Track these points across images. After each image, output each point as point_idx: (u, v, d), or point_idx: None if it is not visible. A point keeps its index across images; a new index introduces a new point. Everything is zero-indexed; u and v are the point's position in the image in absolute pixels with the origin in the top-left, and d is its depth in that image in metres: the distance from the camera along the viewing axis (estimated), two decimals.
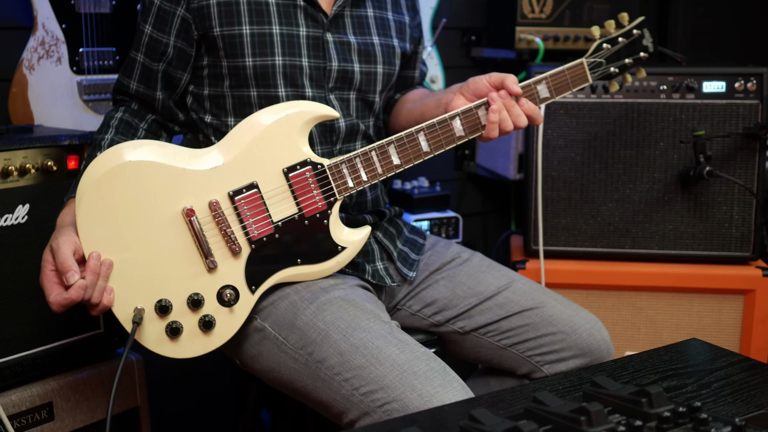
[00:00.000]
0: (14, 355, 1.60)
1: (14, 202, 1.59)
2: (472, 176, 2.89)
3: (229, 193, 1.43)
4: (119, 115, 1.61)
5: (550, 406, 0.89)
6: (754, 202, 2.17)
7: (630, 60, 1.66)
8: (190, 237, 1.42)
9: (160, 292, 1.41)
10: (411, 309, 1.71)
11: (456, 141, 1.55)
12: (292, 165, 1.46)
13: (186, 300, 1.42)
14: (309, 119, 1.47)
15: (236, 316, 1.46)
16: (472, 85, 1.58)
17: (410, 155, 1.52)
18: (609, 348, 1.64)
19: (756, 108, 2.15)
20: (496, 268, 1.73)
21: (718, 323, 2.20)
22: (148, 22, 1.58)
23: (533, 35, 2.53)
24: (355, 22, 1.63)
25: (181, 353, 1.44)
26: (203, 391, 2.45)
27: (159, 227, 1.40)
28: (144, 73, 1.60)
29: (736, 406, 1.02)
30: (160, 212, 1.40)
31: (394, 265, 1.69)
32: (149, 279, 1.40)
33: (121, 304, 1.39)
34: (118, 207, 1.38)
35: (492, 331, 1.65)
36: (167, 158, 1.41)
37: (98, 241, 1.37)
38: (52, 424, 1.65)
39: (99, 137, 1.58)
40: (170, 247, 1.41)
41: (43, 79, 1.90)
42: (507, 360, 1.66)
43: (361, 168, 1.49)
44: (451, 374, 1.34)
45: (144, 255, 1.40)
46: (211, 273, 1.43)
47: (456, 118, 1.54)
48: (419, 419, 0.98)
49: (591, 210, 2.22)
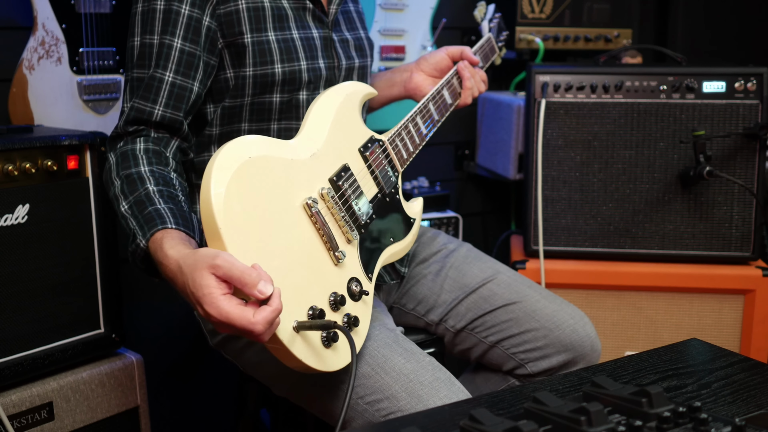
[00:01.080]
0: (14, 355, 1.60)
1: (14, 202, 1.59)
2: (472, 176, 2.89)
3: (331, 178, 1.35)
4: (142, 146, 1.40)
5: (550, 406, 0.89)
6: (754, 202, 2.17)
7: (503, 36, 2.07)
8: (314, 231, 1.29)
9: (308, 299, 1.23)
10: (405, 307, 1.72)
11: (448, 108, 1.72)
12: (364, 143, 1.46)
13: (329, 301, 1.27)
14: (363, 96, 1.51)
15: (367, 307, 1.35)
16: (431, 59, 1.76)
17: (442, 108, 1.69)
18: (593, 343, 1.62)
19: (756, 108, 2.15)
20: (483, 260, 1.72)
21: (718, 323, 2.20)
22: (177, 35, 1.41)
23: (533, 35, 2.53)
24: (344, 18, 1.66)
25: (342, 362, 1.26)
26: (203, 391, 2.45)
27: (288, 227, 1.25)
28: (174, 93, 1.42)
29: (736, 406, 1.02)
30: (285, 209, 1.25)
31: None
32: (295, 288, 1.22)
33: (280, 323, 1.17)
34: (253, 211, 1.19)
35: (479, 327, 1.66)
36: (274, 150, 1.27)
37: (248, 255, 1.15)
38: (52, 424, 1.65)
39: (135, 171, 1.35)
40: (302, 246, 1.26)
41: (43, 79, 1.90)
42: (493, 356, 1.67)
43: (406, 139, 1.56)
44: (456, 384, 1.34)
45: (285, 261, 1.22)
46: (338, 267, 1.31)
47: (444, 89, 1.70)
48: (419, 419, 0.98)
49: (591, 210, 2.22)
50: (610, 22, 2.62)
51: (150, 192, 1.32)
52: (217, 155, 1.18)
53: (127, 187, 1.34)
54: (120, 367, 1.78)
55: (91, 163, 1.70)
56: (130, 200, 1.32)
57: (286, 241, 1.23)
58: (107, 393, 1.75)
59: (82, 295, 1.71)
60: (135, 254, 1.30)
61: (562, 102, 2.19)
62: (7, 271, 1.59)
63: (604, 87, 2.18)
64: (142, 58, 1.43)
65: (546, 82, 2.19)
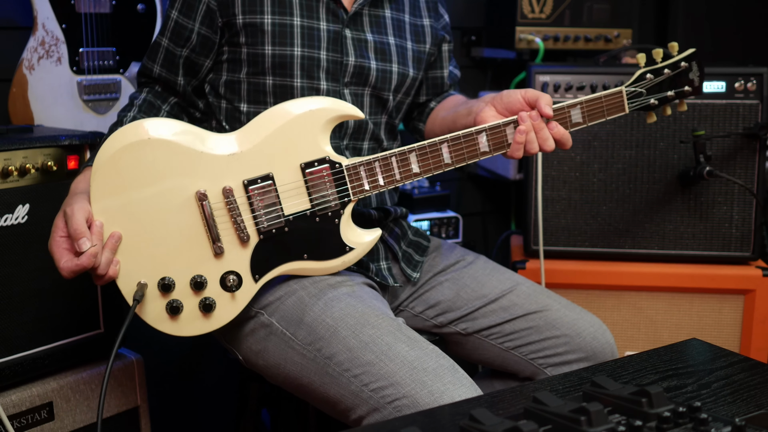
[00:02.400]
0: (14, 355, 1.60)
1: (14, 202, 1.59)
2: (472, 176, 2.89)
3: (243, 181, 1.43)
4: (143, 96, 1.64)
5: (550, 406, 0.89)
6: (754, 202, 2.17)
7: (672, 93, 1.58)
8: (200, 220, 1.43)
9: (164, 270, 1.42)
10: (414, 311, 1.72)
11: (480, 156, 1.50)
12: (310, 161, 1.45)
13: (189, 281, 1.43)
14: (333, 117, 1.46)
15: (237, 303, 1.46)
16: (506, 98, 1.53)
17: (431, 165, 1.49)
18: (613, 351, 1.64)
19: (756, 108, 2.15)
20: (500, 271, 1.73)
21: (718, 323, 2.20)
22: (175, 8, 1.60)
23: (533, 35, 2.53)
24: (372, 21, 1.64)
25: (179, 331, 1.46)
26: (203, 391, 2.45)
27: (171, 206, 1.41)
28: (167, 57, 1.62)
29: (736, 406, 1.02)
30: (174, 192, 1.42)
31: (399, 265, 1.70)
32: (155, 256, 1.42)
33: (125, 277, 1.41)
34: (133, 181, 1.39)
35: (495, 334, 1.65)
36: (187, 140, 1.42)
37: (109, 212, 1.39)
38: (52, 424, 1.65)
39: (122, 114, 1.60)
40: (179, 227, 1.42)
41: (43, 79, 1.90)
42: (510, 362, 1.66)
43: (379, 172, 1.48)
44: (459, 371, 1.35)
45: (153, 232, 1.41)
46: (218, 258, 1.44)
47: (483, 134, 1.49)
48: (419, 419, 0.98)
49: (591, 210, 2.22)
50: (610, 22, 2.62)
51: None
52: (130, 124, 1.41)
53: (113, 125, 1.59)
54: (120, 367, 1.78)
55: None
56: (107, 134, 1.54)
57: (161, 217, 1.42)
58: (107, 393, 1.75)
59: (82, 295, 1.71)
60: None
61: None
62: (7, 271, 1.59)
63: (604, 87, 2.18)
64: (161, 25, 1.66)
65: (546, 82, 2.19)
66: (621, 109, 1.55)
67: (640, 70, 1.56)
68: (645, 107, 1.58)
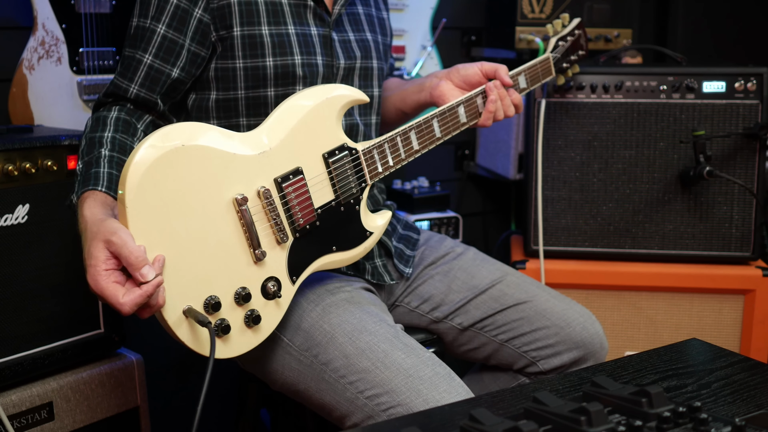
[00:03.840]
0: (14, 355, 1.60)
1: (14, 202, 1.59)
2: (472, 176, 2.89)
3: (276, 179, 1.37)
4: (115, 114, 1.48)
5: (550, 406, 0.89)
6: (754, 202, 2.17)
7: (575, 56, 1.90)
8: (240, 227, 1.33)
9: (208, 289, 1.29)
10: (409, 305, 1.72)
11: (460, 127, 1.62)
12: (331, 150, 1.44)
13: (234, 295, 1.32)
14: (346, 103, 1.46)
15: (279, 309, 1.39)
16: (462, 71, 1.66)
17: (426, 140, 1.57)
18: (602, 341, 1.65)
19: (756, 108, 2.15)
20: (490, 262, 1.75)
21: (718, 323, 2.20)
22: (162, 21, 1.47)
23: (533, 35, 2.53)
24: (351, 20, 1.66)
25: (229, 352, 1.34)
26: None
27: (209, 218, 1.30)
28: (151, 76, 1.49)
29: (736, 406, 1.02)
30: (211, 201, 1.30)
31: (392, 261, 1.70)
32: (197, 275, 1.28)
33: (169, 303, 1.24)
34: (171, 197, 1.25)
35: (488, 326, 1.67)
36: (218, 142, 1.31)
37: (150, 236, 1.23)
38: (52, 424, 1.65)
39: (98, 135, 1.43)
40: (219, 238, 1.31)
41: (43, 79, 1.90)
42: (504, 356, 1.67)
43: (388, 153, 1.51)
44: (456, 380, 1.35)
45: (193, 249, 1.28)
46: (257, 265, 1.35)
47: (461, 106, 1.61)
48: (419, 419, 0.98)
49: (591, 210, 2.22)
50: (610, 22, 2.62)
51: (101, 156, 1.39)
52: (154, 134, 1.24)
53: (87, 148, 1.42)
54: (120, 367, 1.78)
55: None
56: (84, 160, 1.40)
57: (201, 232, 1.28)
58: (107, 393, 1.75)
59: (82, 295, 1.70)
60: (70, 209, 1.38)
61: (562, 102, 2.19)
62: (7, 271, 1.59)
63: (604, 87, 2.18)
64: (133, 39, 1.50)
65: (546, 82, 2.19)
66: (549, 72, 1.82)
67: (553, 39, 1.85)
68: (560, 70, 1.88)
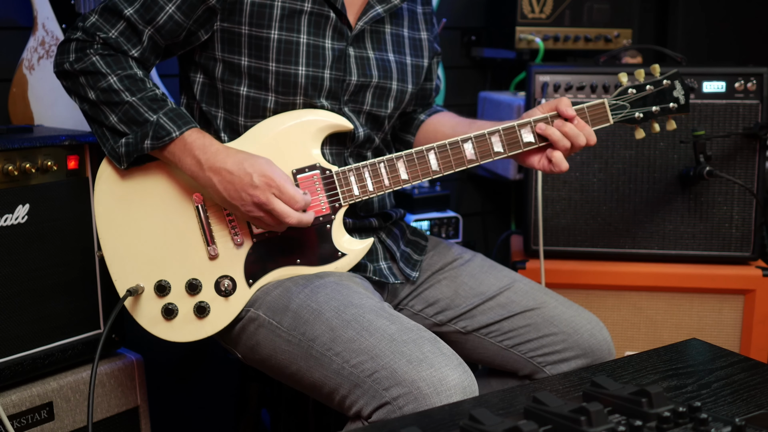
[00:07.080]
0: (14, 355, 1.60)
1: (14, 202, 1.59)
2: (472, 176, 2.89)
3: None
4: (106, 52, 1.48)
5: (550, 406, 0.89)
6: (754, 202, 2.17)
7: (657, 108, 1.65)
8: (197, 223, 1.49)
9: (161, 272, 1.48)
10: (413, 309, 1.72)
11: (491, 156, 1.58)
12: (301, 167, 1.51)
13: (185, 284, 1.48)
14: (322, 127, 1.53)
15: (231, 307, 1.50)
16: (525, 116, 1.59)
17: (418, 172, 1.55)
18: (610, 348, 1.64)
19: (756, 108, 2.15)
20: (498, 269, 1.73)
21: (718, 323, 2.20)
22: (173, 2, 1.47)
23: (533, 35, 2.53)
24: (374, 38, 1.63)
25: (173, 336, 1.51)
26: (203, 391, 2.45)
27: (171, 211, 1.49)
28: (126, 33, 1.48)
29: (736, 406, 1.02)
30: (176, 196, 1.49)
31: (397, 265, 1.70)
32: (153, 258, 1.48)
33: (123, 279, 1.48)
34: (137, 187, 1.49)
35: (494, 332, 1.66)
36: None
37: (112, 218, 1.49)
38: (52, 424, 1.65)
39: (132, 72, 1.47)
40: (179, 230, 1.49)
41: (43, 79, 1.90)
42: (509, 361, 1.66)
43: (368, 178, 1.53)
44: (440, 343, 1.36)
45: (152, 236, 1.48)
46: (212, 261, 1.49)
47: (495, 135, 1.57)
48: (419, 419, 0.98)
49: (591, 210, 2.22)
50: (610, 22, 2.62)
51: (165, 96, 1.50)
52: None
53: (129, 83, 1.46)
54: (120, 367, 1.78)
55: (91, 163, 1.70)
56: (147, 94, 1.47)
57: (162, 222, 1.49)
58: (107, 393, 1.75)
59: (82, 295, 1.71)
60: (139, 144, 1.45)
61: None
62: (7, 271, 1.59)
63: (604, 87, 2.18)
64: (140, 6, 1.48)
65: (546, 82, 2.19)
66: (605, 119, 1.62)
67: (623, 86, 1.64)
68: (629, 120, 1.65)
